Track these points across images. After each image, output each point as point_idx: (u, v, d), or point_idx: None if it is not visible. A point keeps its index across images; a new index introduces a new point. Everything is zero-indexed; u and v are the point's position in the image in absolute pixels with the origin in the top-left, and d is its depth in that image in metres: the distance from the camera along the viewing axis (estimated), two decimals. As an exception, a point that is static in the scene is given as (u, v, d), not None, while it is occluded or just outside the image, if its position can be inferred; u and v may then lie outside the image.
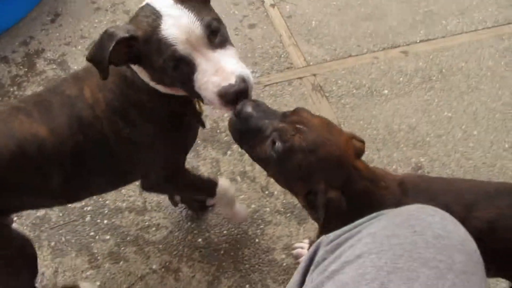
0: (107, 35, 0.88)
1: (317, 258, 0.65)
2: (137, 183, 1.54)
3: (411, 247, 0.55)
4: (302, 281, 0.67)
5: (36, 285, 1.26)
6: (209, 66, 0.90)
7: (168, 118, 1.08)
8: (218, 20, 0.95)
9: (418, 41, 2.10)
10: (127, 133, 1.05)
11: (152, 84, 1.00)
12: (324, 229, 0.86)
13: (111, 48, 0.86)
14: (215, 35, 0.92)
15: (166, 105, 1.05)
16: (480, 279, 0.54)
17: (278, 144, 0.89)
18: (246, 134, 0.95)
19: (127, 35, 0.88)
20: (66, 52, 2.07)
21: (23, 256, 1.14)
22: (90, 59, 0.91)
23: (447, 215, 0.61)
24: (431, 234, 0.56)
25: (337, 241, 0.64)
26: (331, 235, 0.67)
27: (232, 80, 0.89)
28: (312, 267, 0.66)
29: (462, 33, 2.13)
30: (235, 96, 0.90)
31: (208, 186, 1.30)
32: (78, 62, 2.03)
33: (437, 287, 0.50)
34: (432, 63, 2.01)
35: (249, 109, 0.92)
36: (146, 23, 0.90)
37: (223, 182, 1.32)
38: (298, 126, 0.90)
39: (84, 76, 1.06)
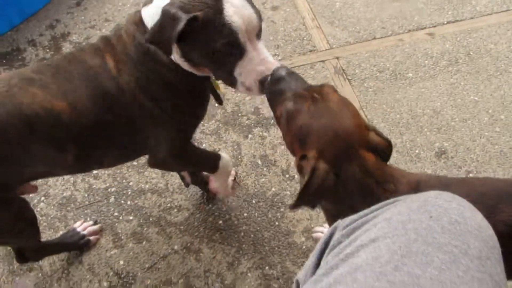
0: (169, 17, 0.90)
1: (332, 242, 0.66)
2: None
3: (426, 232, 0.55)
4: (318, 263, 0.68)
5: None
6: (255, 55, 0.98)
7: (187, 92, 1.10)
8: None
9: (445, 22, 2.05)
10: (150, 107, 1.06)
11: (179, 61, 1.01)
12: (301, 201, 0.87)
13: (179, 28, 0.89)
14: (261, 29, 0.99)
15: (187, 80, 1.07)
16: (496, 264, 0.54)
17: (290, 104, 0.93)
18: (273, 94, 1.00)
19: (191, 16, 0.91)
20: (91, 35, 2.10)
21: (23, 219, 1.17)
22: (151, 40, 0.94)
23: (464, 202, 0.61)
24: (447, 220, 0.56)
25: (353, 225, 0.64)
26: (348, 219, 0.67)
27: (274, 69, 0.98)
28: (327, 250, 0.66)
29: (492, 14, 2.06)
30: (274, 83, 0.98)
31: (212, 160, 1.32)
32: (102, 45, 2.05)
33: (451, 271, 0.50)
34: (459, 45, 1.96)
35: (282, 73, 0.99)
36: (207, 5, 0.92)
37: (224, 156, 1.35)
38: (315, 95, 0.93)
39: (104, 47, 1.05)
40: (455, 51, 1.94)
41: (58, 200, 1.57)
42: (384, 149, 0.95)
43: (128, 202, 1.56)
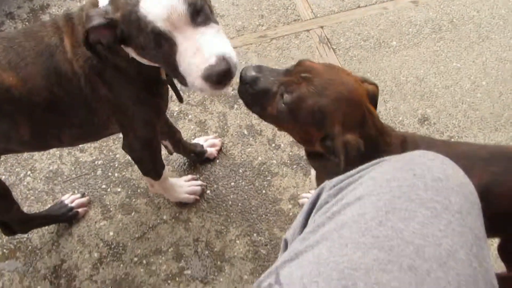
0: (86, 20, 0.88)
1: (319, 202, 0.67)
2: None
3: (409, 189, 0.57)
4: (305, 223, 0.69)
5: None
6: (189, 45, 0.87)
7: (145, 83, 1.07)
8: None
9: (428, -11, 2.05)
10: (104, 93, 1.04)
11: (137, 58, 0.98)
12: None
13: (85, 37, 0.88)
14: (198, 14, 0.88)
15: (143, 71, 1.03)
16: (475, 218, 0.56)
17: (286, 95, 0.90)
18: (255, 97, 0.95)
19: (103, 21, 0.87)
20: (71, 7, 2.06)
21: None
22: (83, 43, 0.92)
23: (447, 160, 0.62)
24: (430, 177, 0.58)
25: (340, 186, 0.66)
26: (334, 180, 0.69)
27: (212, 61, 0.86)
28: (314, 210, 0.68)
29: (475, -19, 2.06)
30: (219, 77, 0.87)
31: (160, 168, 1.33)
32: (83, 17, 2.01)
33: (433, 225, 0.52)
34: (442, 13, 1.96)
35: (252, 72, 0.94)
36: (125, 2, 0.88)
37: (167, 174, 1.37)
38: (302, 75, 0.90)
39: (65, 27, 1.00)
40: (438, 18, 1.94)
41: (45, 174, 1.57)
42: (375, 94, 0.98)
43: (116, 174, 1.56)
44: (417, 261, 0.49)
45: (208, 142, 1.58)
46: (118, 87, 1.04)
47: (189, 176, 1.51)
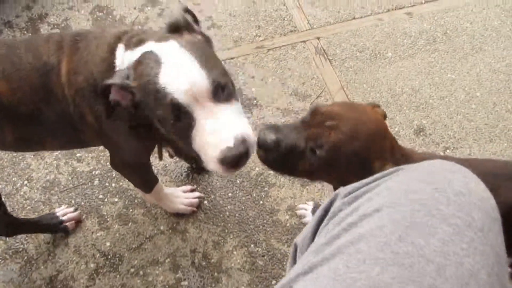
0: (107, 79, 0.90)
1: (333, 209, 0.65)
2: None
3: (431, 203, 0.54)
4: (316, 228, 0.67)
5: None
6: (207, 122, 0.84)
7: (136, 130, 1.05)
8: (226, 73, 0.91)
9: (423, 2, 2.07)
10: (91, 121, 1.03)
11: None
12: None
13: (104, 90, 0.89)
14: (222, 91, 0.86)
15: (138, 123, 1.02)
16: (496, 235, 0.55)
17: (319, 150, 0.88)
18: (282, 159, 0.92)
19: (122, 83, 0.87)
20: (70, 16, 2.06)
21: None
22: (99, 93, 0.92)
23: (468, 172, 0.60)
24: (451, 191, 0.55)
25: (355, 194, 0.63)
26: (349, 187, 0.66)
27: (231, 143, 0.83)
28: (327, 217, 0.65)
29: (468, -7, 2.09)
30: (235, 160, 0.84)
31: (151, 183, 1.34)
32: (81, 26, 2.02)
33: (455, 243, 0.51)
34: (436, 25, 1.99)
35: (272, 136, 0.90)
36: (144, 72, 0.86)
37: (160, 187, 1.38)
38: (327, 124, 0.88)
39: (68, 49, 0.99)
40: (432, 30, 1.97)
41: (42, 183, 1.56)
42: (385, 114, 1.00)
43: (113, 185, 1.56)
44: (438, 281, 0.48)
45: None
46: (106, 122, 1.01)
47: (188, 187, 1.51)
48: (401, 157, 0.93)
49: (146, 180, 1.33)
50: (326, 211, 0.67)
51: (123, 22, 2.02)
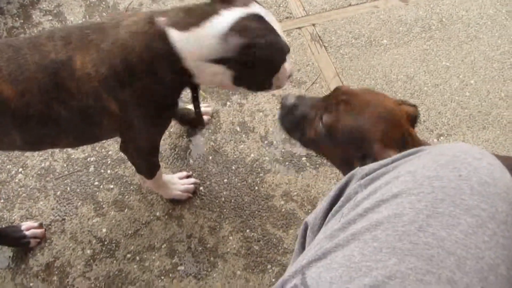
0: (274, 47, 1.06)
1: (348, 190, 0.63)
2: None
3: (454, 192, 0.52)
4: (330, 208, 0.65)
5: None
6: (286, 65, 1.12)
7: (159, 106, 1.10)
8: None
9: (418, -11, 2.07)
10: (114, 111, 1.04)
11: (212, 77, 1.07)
12: None
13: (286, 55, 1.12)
14: None
15: (173, 96, 1.12)
16: None
17: (325, 117, 0.91)
18: (295, 123, 0.99)
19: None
20: (62, 2, 2.04)
21: None
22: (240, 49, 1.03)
23: (494, 160, 0.58)
24: (476, 180, 0.53)
25: (372, 176, 0.61)
26: (367, 167, 0.64)
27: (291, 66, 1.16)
28: (342, 198, 0.63)
29: (463, -19, 2.09)
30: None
31: (153, 168, 1.37)
32: (74, 13, 2.00)
33: (477, 235, 0.49)
34: (432, 12, 1.99)
35: (292, 100, 1.01)
36: (264, 29, 1.03)
37: (160, 173, 1.41)
38: (340, 98, 0.92)
39: (79, 43, 0.99)
40: (428, 17, 1.97)
41: (37, 171, 1.56)
42: (416, 115, 0.98)
43: (108, 171, 1.56)
44: (457, 274, 0.46)
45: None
46: (132, 108, 1.05)
47: (183, 173, 1.51)
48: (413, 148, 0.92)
49: (152, 166, 1.34)
50: (341, 191, 0.65)
51: (116, 8, 2.00)
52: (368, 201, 0.56)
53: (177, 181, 1.48)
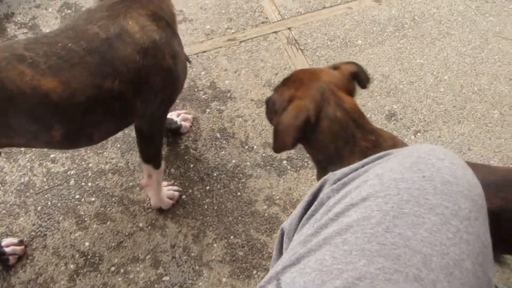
0: None
1: (321, 195, 0.65)
2: (118, 145, 1.58)
3: (418, 193, 0.54)
4: (304, 213, 0.67)
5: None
6: None
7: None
8: None
9: (390, -11, 2.10)
10: (168, 65, 1.12)
11: None
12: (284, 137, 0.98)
13: None
14: None
15: None
16: (482, 223, 0.55)
17: (273, 95, 1.10)
18: (270, 114, 1.13)
19: None
20: (37, 15, 2.03)
21: None
22: None
23: (456, 159, 0.60)
24: (439, 180, 0.55)
25: (343, 181, 0.63)
26: (339, 172, 0.66)
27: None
28: (315, 203, 0.65)
29: (434, -21, 2.13)
30: None
31: (160, 154, 1.40)
32: (50, 25, 1.99)
33: (442, 232, 0.51)
34: (404, 11, 2.02)
35: (268, 96, 1.17)
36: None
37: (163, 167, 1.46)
38: (288, 78, 1.09)
39: (128, 9, 1.05)
40: (401, 16, 2.00)
41: (16, 186, 1.54)
42: (356, 71, 1.05)
43: (89, 184, 1.55)
44: (423, 271, 0.48)
45: (181, 117, 1.65)
46: (179, 58, 1.17)
47: (165, 183, 1.51)
48: (342, 115, 0.95)
49: (159, 149, 1.37)
50: (314, 196, 0.67)
51: (91, 19, 1.99)
52: (339, 206, 0.58)
53: (163, 188, 1.48)
